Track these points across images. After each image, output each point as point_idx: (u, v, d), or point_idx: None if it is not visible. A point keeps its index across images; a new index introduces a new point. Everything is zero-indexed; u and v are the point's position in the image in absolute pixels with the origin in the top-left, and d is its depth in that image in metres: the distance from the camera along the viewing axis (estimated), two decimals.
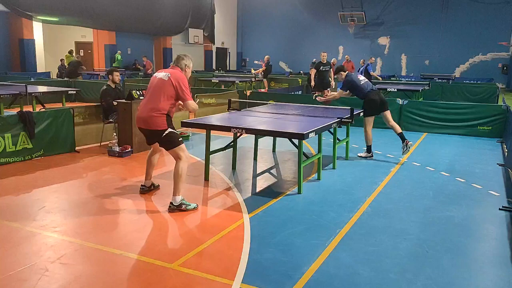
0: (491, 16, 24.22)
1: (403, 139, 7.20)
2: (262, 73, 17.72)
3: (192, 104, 4.68)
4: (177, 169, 4.58)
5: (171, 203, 4.60)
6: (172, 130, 4.62)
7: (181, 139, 4.68)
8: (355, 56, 24.14)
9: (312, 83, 13.15)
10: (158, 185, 5.37)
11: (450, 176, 6.30)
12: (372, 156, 7.35)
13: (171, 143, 4.61)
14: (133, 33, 23.02)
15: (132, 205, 4.83)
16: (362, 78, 7.46)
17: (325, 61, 12.78)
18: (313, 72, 13.21)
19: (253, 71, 18.25)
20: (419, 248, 3.88)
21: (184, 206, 4.59)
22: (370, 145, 7.34)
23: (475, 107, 9.85)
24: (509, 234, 4.25)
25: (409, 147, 7.14)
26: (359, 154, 7.49)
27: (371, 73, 16.65)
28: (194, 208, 4.64)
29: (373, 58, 16.96)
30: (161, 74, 4.64)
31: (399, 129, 7.33)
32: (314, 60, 21.80)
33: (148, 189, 5.20)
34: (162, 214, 4.55)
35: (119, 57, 21.04)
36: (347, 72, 7.51)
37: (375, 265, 3.51)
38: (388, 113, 7.39)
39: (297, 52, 29.86)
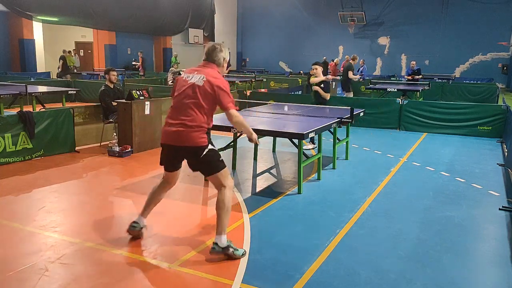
0: (491, 16, 24.22)
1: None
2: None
3: (236, 115, 3.61)
4: (222, 199, 3.56)
5: (215, 244, 3.53)
6: (213, 147, 3.59)
7: (222, 158, 3.63)
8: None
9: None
10: (145, 227, 4.03)
11: (450, 176, 6.30)
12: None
13: (212, 166, 3.55)
14: (133, 33, 23.02)
15: (132, 205, 4.83)
16: None
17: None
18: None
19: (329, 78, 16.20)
20: (419, 248, 3.88)
21: (231, 250, 3.53)
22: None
23: (475, 107, 9.85)
24: (509, 234, 4.25)
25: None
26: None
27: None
28: (243, 255, 3.59)
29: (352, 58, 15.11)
30: (193, 77, 3.58)
31: None
32: (324, 58, 21.82)
33: (139, 229, 3.90)
34: (162, 214, 4.55)
35: (174, 60, 20.84)
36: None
37: (375, 265, 3.51)
38: None
39: (297, 52, 29.86)
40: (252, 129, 5.43)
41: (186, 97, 3.53)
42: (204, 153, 3.50)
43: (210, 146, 3.54)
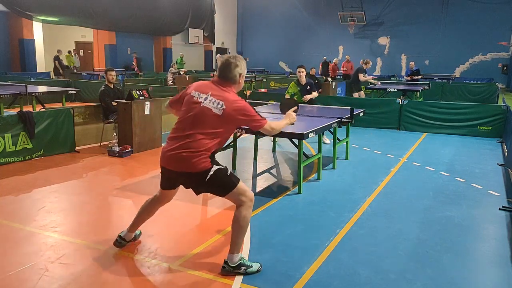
0: (491, 16, 24.22)
1: None
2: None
3: (272, 127, 3.37)
4: (239, 218, 3.22)
5: (226, 262, 3.29)
6: (218, 166, 3.20)
7: (230, 172, 3.26)
8: (355, 56, 24.15)
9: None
10: (140, 233, 3.89)
11: (450, 176, 6.30)
12: None
13: (223, 185, 3.19)
14: (133, 33, 23.02)
15: (132, 205, 4.83)
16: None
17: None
18: None
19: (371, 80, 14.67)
20: (419, 248, 3.88)
21: (243, 268, 3.27)
22: None
23: (475, 107, 9.85)
24: (509, 234, 4.25)
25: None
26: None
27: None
28: (258, 270, 3.34)
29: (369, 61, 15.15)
30: (207, 99, 3.13)
31: None
32: (325, 58, 21.79)
33: (125, 244, 3.67)
34: (162, 214, 4.55)
35: (179, 60, 20.85)
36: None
37: (375, 265, 3.51)
38: None
39: (297, 52, 29.86)
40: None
41: (195, 122, 3.11)
42: (209, 176, 3.13)
43: (215, 167, 3.16)
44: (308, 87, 7.97)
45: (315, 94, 8.04)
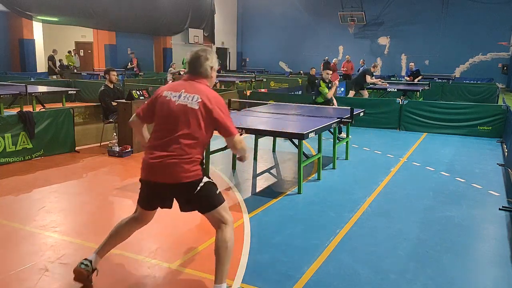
0: (491, 16, 24.21)
1: None
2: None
3: (241, 140, 2.95)
4: (223, 238, 2.89)
5: None
6: (209, 179, 2.95)
7: (220, 191, 2.99)
8: (355, 56, 24.16)
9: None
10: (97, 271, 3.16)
11: (450, 176, 6.30)
12: None
13: (209, 201, 2.90)
14: (133, 33, 23.01)
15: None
16: None
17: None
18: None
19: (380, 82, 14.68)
20: (419, 248, 3.88)
21: None
22: None
23: (475, 107, 9.85)
24: (509, 234, 4.25)
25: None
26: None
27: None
28: None
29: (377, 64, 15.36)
30: (182, 96, 2.89)
31: None
32: (326, 58, 21.78)
33: (90, 271, 3.08)
34: (162, 214, 4.54)
35: (185, 60, 20.78)
36: None
37: (375, 265, 3.51)
38: None
39: (297, 52, 29.86)
40: (252, 129, 5.50)
41: (175, 124, 2.83)
42: (199, 188, 2.85)
43: (205, 179, 2.90)
44: (330, 85, 8.62)
45: (333, 90, 8.53)
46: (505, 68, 24.62)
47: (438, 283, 3.27)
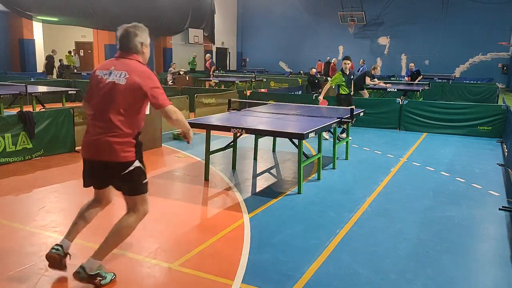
0: (491, 16, 24.23)
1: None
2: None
3: (176, 111, 2.99)
4: (124, 225, 3.07)
5: (83, 268, 3.00)
6: (141, 165, 3.01)
7: (146, 180, 3.08)
8: (355, 56, 24.13)
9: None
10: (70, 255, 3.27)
11: (450, 176, 6.30)
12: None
13: (134, 185, 3.01)
14: None
15: None
16: None
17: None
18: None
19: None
20: (419, 248, 3.88)
21: (99, 278, 3.04)
22: None
23: (475, 107, 9.85)
24: (509, 234, 4.25)
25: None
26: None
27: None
28: (111, 280, 3.12)
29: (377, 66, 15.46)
30: (111, 74, 2.94)
31: None
32: (328, 58, 21.78)
33: (62, 255, 3.17)
34: (162, 214, 4.55)
35: (191, 60, 20.86)
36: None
37: (375, 265, 3.51)
38: None
39: (297, 52, 29.87)
40: (252, 129, 5.49)
41: (105, 101, 2.90)
42: (128, 170, 2.91)
43: (137, 163, 2.95)
44: (352, 77, 8.99)
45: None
46: (505, 68, 24.64)
47: (438, 283, 3.27)
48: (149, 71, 2.97)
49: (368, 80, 13.04)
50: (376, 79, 13.86)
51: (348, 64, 8.80)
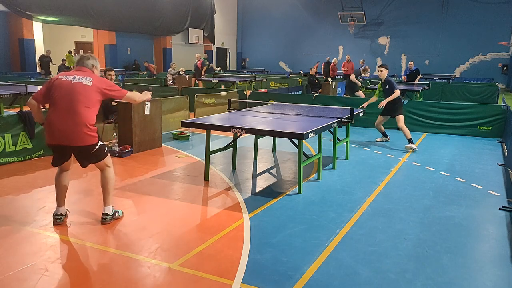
0: (491, 16, 24.23)
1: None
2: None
3: (133, 94, 4.33)
4: (108, 176, 4.21)
5: (106, 214, 4.22)
6: (101, 142, 4.13)
7: (107, 149, 4.21)
8: (355, 56, 24.17)
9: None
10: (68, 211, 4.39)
11: (450, 176, 6.30)
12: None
13: (101, 156, 4.10)
14: (133, 33, 23.02)
15: (132, 205, 4.83)
16: None
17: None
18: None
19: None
20: (419, 248, 3.88)
21: (116, 214, 4.34)
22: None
23: (475, 107, 9.85)
24: (509, 234, 4.25)
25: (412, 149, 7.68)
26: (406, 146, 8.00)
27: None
28: (122, 213, 4.42)
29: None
30: (76, 78, 3.94)
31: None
32: (328, 58, 21.77)
33: (63, 218, 4.25)
34: (162, 214, 4.55)
35: (204, 60, 20.93)
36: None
37: (375, 265, 3.51)
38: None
39: (297, 52, 29.88)
40: (252, 129, 5.49)
41: (74, 97, 3.85)
42: (95, 149, 4.00)
43: (100, 142, 4.04)
44: (387, 87, 8.24)
45: (394, 95, 8.10)
46: (505, 68, 24.64)
47: (438, 283, 3.27)
48: (104, 78, 4.24)
49: (353, 76, 13.38)
50: (358, 81, 13.88)
51: (382, 71, 8.24)
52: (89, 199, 5.02)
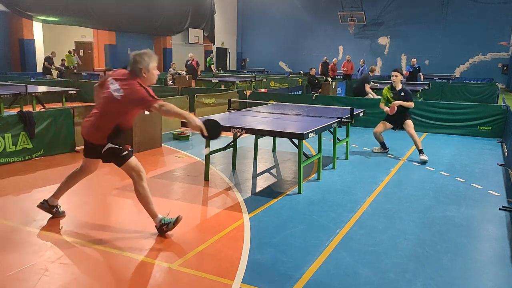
0: (491, 16, 24.23)
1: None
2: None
3: (162, 104, 3.73)
4: (138, 190, 4.00)
5: (159, 224, 4.00)
6: (113, 145, 3.97)
7: (125, 153, 4.01)
8: (355, 56, 24.17)
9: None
10: (64, 212, 4.43)
11: (450, 176, 6.30)
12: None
13: (116, 159, 4.01)
14: (133, 33, 23.02)
15: (132, 205, 4.83)
16: None
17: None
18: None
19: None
20: (419, 248, 3.88)
21: (170, 223, 4.02)
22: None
23: (475, 107, 9.85)
24: (509, 234, 4.25)
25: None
26: (421, 158, 7.09)
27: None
28: (177, 219, 4.04)
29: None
30: (113, 87, 3.80)
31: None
32: (328, 59, 21.73)
33: (48, 208, 4.29)
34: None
35: (209, 60, 21.13)
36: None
37: (375, 265, 3.51)
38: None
39: (297, 52, 29.87)
40: (252, 129, 5.49)
41: (103, 106, 3.86)
42: (103, 150, 3.90)
43: (109, 145, 3.88)
44: (403, 94, 7.33)
45: (409, 105, 7.27)
46: (505, 68, 24.64)
47: (438, 283, 3.27)
48: (138, 89, 3.76)
49: (367, 87, 12.70)
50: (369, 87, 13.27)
51: (397, 77, 7.36)
52: (88, 199, 5.02)
